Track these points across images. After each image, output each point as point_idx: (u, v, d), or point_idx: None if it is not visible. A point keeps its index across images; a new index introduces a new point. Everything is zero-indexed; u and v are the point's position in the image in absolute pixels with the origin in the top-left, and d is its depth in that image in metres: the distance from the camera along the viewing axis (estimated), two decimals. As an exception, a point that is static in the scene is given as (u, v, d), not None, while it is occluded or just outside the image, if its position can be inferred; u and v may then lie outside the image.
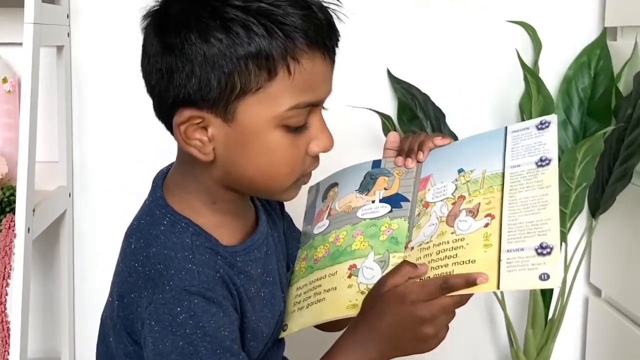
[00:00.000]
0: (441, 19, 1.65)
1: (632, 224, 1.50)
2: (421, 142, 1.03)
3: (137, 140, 1.64)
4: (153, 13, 0.89)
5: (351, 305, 0.93)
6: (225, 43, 0.83)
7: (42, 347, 1.72)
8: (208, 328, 0.83)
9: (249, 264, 0.94)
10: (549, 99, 1.51)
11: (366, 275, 0.94)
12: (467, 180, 0.95)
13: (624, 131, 1.41)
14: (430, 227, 0.93)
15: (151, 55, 0.88)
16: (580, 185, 1.41)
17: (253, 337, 0.93)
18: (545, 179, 0.90)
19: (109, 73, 1.64)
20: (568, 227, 1.48)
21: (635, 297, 1.50)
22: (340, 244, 1.00)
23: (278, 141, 0.87)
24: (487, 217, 0.90)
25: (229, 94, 0.84)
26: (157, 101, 0.90)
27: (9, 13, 1.49)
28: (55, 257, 1.67)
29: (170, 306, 0.83)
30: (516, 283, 0.84)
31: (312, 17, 0.85)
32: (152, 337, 0.84)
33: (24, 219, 1.28)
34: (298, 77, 0.85)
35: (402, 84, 1.62)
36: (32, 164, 1.31)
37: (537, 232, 0.86)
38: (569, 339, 1.73)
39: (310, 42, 0.85)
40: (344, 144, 1.64)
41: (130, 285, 0.88)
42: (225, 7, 0.83)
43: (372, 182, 1.04)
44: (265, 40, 0.83)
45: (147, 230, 0.90)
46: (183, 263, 0.86)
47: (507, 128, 0.99)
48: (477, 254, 0.87)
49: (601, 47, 1.59)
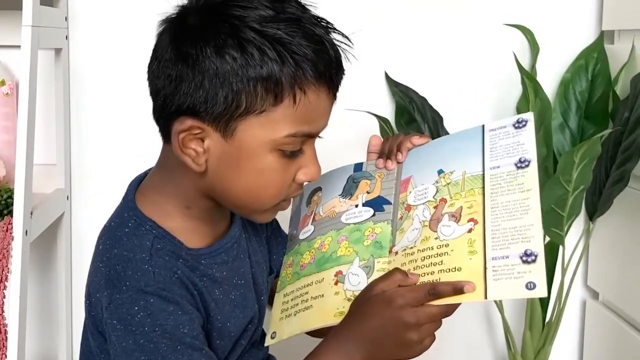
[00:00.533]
0: (439, 22, 1.65)
1: (630, 226, 1.51)
2: (400, 143, 1.05)
3: (135, 143, 1.64)
4: (171, 20, 0.91)
5: (339, 313, 0.93)
6: (239, 62, 0.85)
7: (40, 350, 1.72)
8: (166, 326, 0.86)
9: (214, 266, 0.95)
10: (547, 102, 1.51)
11: (352, 281, 0.95)
12: (448, 182, 0.96)
13: (621, 134, 1.41)
14: (414, 231, 0.94)
15: (163, 60, 0.89)
16: (577, 188, 1.41)
17: (219, 336, 0.95)
18: (525, 182, 0.90)
19: (107, 76, 1.64)
20: (565, 230, 1.48)
21: (632, 300, 1.51)
22: (326, 250, 1.00)
23: (270, 164, 0.90)
24: (470, 222, 0.90)
25: (233, 111, 0.86)
26: (159, 105, 0.91)
27: (7, 16, 1.49)
28: (53, 260, 1.67)
29: (128, 306, 0.86)
30: (503, 292, 0.84)
31: (324, 52, 0.89)
32: (115, 335, 0.87)
33: (22, 221, 1.28)
34: (301, 107, 0.87)
35: (400, 87, 1.62)
36: (29, 167, 1.31)
37: (521, 239, 0.86)
38: (566, 342, 1.73)
39: (319, 76, 0.88)
40: (342, 147, 1.65)
41: (95, 285, 0.91)
42: (244, 28, 0.85)
43: (355, 185, 1.05)
44: (277, 66, 0.85)
45: (113, 231, 0.93)
46: (140, 264, 0.88)
47: (485, 126, 1.00)
48: (463, 261, 0.87)
49: (598, 51, 1.59)
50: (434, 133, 1.57)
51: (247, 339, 1.00)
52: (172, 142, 0.90)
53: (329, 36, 0.90)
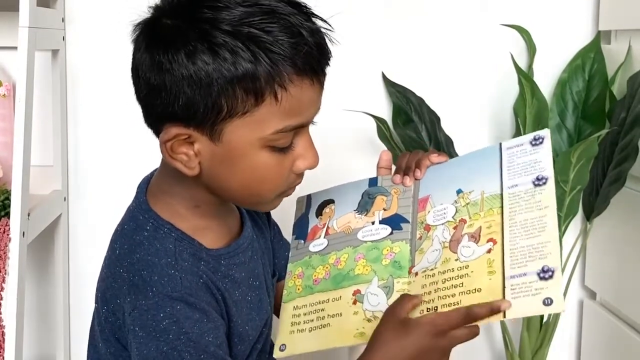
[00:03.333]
0: (436, 23, 1.65)
1: (627, 227, 1.51)
2: (418, 160, 1.03)
3: (132, 145, 1.63)
4: (144, 24, 0.89)
5: (358, 334, 0.92)
6: (212, 66, 0.83)
7: (37, 352, 1.72)
8: (191, 334, 0.84)
9: (233, 267, 0.94)
10: (543, 102, 1.51)
11: (371, 302, 0.94)
12: (467, 202, 0.96)
13: (617, 134, 1.41)
14: (434, 252, 0.93)
15: (140, 68, 0.88)
16: (574, 189, 1.42)
17: (240, 341, 0.94)
18: (543, 199, 0.90)
19: (104, 77, 1.64)
20: (563, 230, 1.48)
21: (629, 300, 1.51)
22: (342, 267, 0.99)
23: (264, 161, 0.88)
24: (489, 242, 0.90)
25: (215, 115, 0.85)
26: (145, 111, 0.90)
27: (4, 17, 1.49)
28: (50, 262, 1.67)
29: (153, 312, 0.84)
30: (521, 310, 0.84)
31: (302, 44, 0.85)
32: (136, 342, 0.85)
33: (19, 223, 1.28)
34: (285, 103, 0.85)
35: (397, 87, 1.62)
36: (26, 168, 1.31)
37: (539, 256, 0.86)
38: (563, 342, 1.73)
39: (299, 70, 0.85)
40: (339, 147, 1.65)
41: (115, 291, 0.89)
42: (214, 31, 0.83)
43: (371, 201, 1.04)
44: (252, 65, 0.83)
45: (131, 235, 0.91)
46: (166, 269, 0.87)
47: (502, 144, 0.99)
48: (482, 282, 0.87)
49: (595, 51, 1.59)
50: (431, 134, 1.57)
51: (262, 343, 0.99)
52: (161, 152, 0.89)
53: (307, 23, 0.87)
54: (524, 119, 1.51)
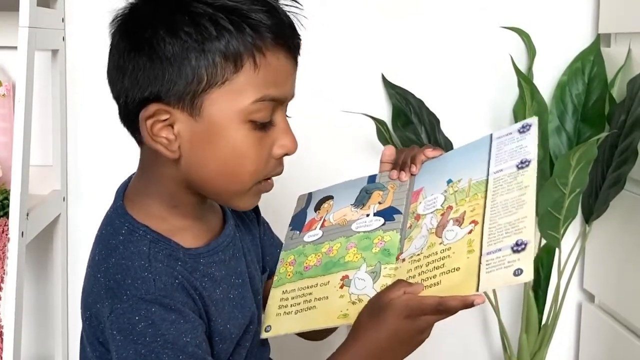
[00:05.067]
0: (436, 25, 1.65)
1: (626, 229, 1.51)
2: (414, 155, 1.05)
3: (132, 145, 1.63)
4: (121, 16, 0.92)
5: (342, 315, 0.94)
6: (194, 37, 0.85)
7: (36, 351, 1.72)
8: (168, 335, 0.84)
9: (213, 265, 0.95)
10: (543, 104, 1.51)
11: (358, 286, 0.95)
12: (455, 190, 0.97)
13: (617, 137, 1.41)
14: (421, 239, 0.95)
15: (119, 56, 0.90)
16: (574, 191, 1.42)
17: (221, 340, 0.94)
18: (524, 180, 0.92)
19: (103, 77, 1.62)
20: (562, 233, 1.48)
21: (628, 303, 1.51)
22: (334, 255, 1.01)
23: (243, 137, 0.88)
24: (471, 223, 0.91)
25: (196, 87, 0.86)
26: (123, 102, 0.91)
27: (4, 16, 1.49)
28: (49, 261, 1.67)
29: (129, 315, 0.85)
30: (493, 282, 0.85)
31: (276, 15, 0.88)
32: (115, 346, 0.86)
33: (18, 223, 1.28)
34: (263, 71, 0.87)
35: (396, 89, 1.62)
36: (26, 168, 1.31)
37: (514, 231, 0.87)
38: (562, 345, 1.73)
39: (276, 37, 0.88)
40: (338, 148, 1.65)
41: (94, 296, 0.89)
42: (192, 2, 0.86)
43: (368, 196, 1.06)
44: (233, 34, 0.85)
45: (107, 240, 0.92)
46: (139, 272, 0.87)
47: (492, 135, 1.01)
48: (461, 261, 0.88)
49: (595, 54, 1.60)
50: (430, 136, 1.57)
51: (250, 340, 1.00)
52: (141, 133, 0.89)
53: (277, 3, 0.90)
54: (524, 122, 1.51)
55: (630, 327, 1.50)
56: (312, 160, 1.49)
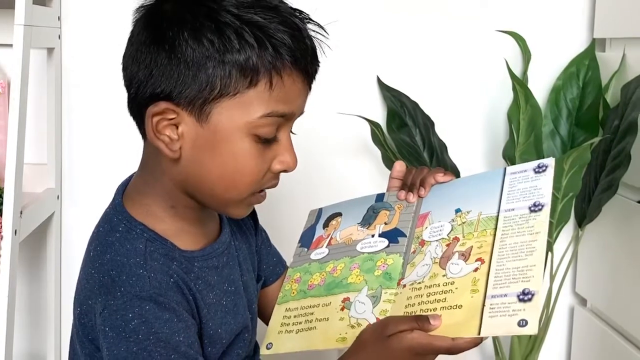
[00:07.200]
0: (431, 28, 1.65)
1: (618, 234, 1.51)
2: (423, 178, 1.04)
3: (126, 143, 1.63)
4: (147, 7, 0.91)
5: (340, 338, 0.94)
6: (217, 46, 0.85)
7: (28, 349, 1.72)
8: (161, 334, 0.84)
9: (206, 270, 0.95)
10: (537, 109, 1.51)
11: (358, 309, 0.96)
12: (463, 221, 0.96)
13: (610, 142, 1.41)
14: (424, 267, 0.94)
15: (137, 45, 0.89)
16: (567, 196, 1.42)
17: (210, 343, 0.94)
18: (536, 225, 0.90)
19: (99, 75, 1.64)
20: (554, 237, 1.49)
21: (620, 308, 1.51)
22: (337, 275, 1.01)
23: (246, 149, 0.89)
24: (478, 261, 0.90)
25: (208, 94, 0.86)
26: (133, 93, 0.90)
27: (0, 14, 1.49)
28: (43, 260, 1.67)
29: (122, 312, 0.84)
30: (495, 329, 0.84)
31: (300, 40, 0.88)
32: (107, 343, 0.85)
33: (11, 221, 1.28)
34: (277, 90, 0.87)
35: (391, 91, 1.62)
36: (20, 166, 1.31)
37: (522, 278, 0.86)
38: (554, 349, 1.73)
39: (295, 61, 0.88)
40: (333, 150, 1.65)
41: (87, 292, 0.89)
42: (221, 11, 0.86)
43: (374, 215, 1.06)
44: (255, 50, 0.85)
45: (104, 237, 0.92)
46: (135, 269, 0.87)
47: (507, 169, 1.00)
48: (464, 299, 0.87)
49: (590, 58, 1.60)
50: (425, 138, 1.58)
51: (244, 348, 1.00)
52: (145, 127, 0.89)
53: (305, 26, 0.90)
54: (518, 125, 1.51)
55: (622, 332, 1.50)
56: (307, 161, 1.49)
